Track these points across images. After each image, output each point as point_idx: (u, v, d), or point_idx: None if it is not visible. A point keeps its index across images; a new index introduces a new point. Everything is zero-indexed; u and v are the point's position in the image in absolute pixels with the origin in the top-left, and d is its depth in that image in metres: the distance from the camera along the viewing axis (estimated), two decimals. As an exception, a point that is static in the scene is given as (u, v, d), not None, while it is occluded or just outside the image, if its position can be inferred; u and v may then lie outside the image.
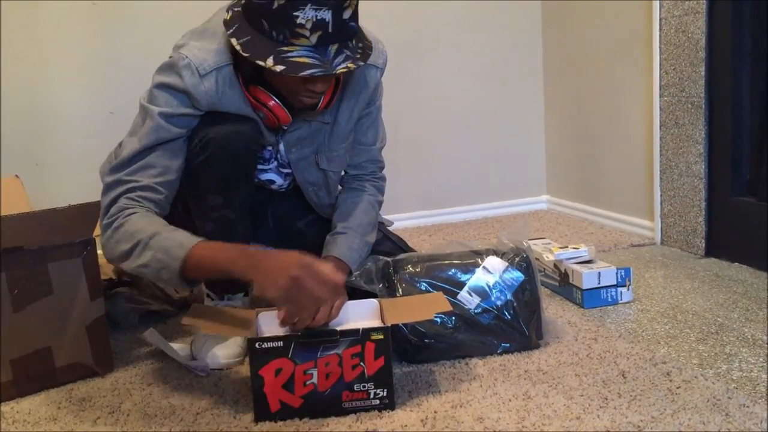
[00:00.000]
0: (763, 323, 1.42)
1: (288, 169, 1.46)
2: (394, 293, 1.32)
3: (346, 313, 1.22)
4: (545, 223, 2.50)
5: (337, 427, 1.08)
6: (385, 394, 1.12)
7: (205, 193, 1.32)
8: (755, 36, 1.79)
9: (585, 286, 1.57)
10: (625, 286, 1.60)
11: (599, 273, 1.57)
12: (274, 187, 1.50)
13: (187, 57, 1.23)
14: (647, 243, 2.13)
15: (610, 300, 1.59)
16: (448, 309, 1.23)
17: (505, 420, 1.08)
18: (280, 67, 1.14)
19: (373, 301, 1.27)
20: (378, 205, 1.53)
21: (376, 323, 1.22)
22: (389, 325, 1.13)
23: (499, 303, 1.32)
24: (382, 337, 1.11)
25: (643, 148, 2.18)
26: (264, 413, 1.11)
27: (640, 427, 1.03)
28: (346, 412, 1.12)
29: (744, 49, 1.81)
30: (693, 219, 1.97)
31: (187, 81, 1.23)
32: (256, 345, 1.09)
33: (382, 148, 1.56)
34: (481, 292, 1.33)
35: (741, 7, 1.79)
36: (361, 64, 1.19)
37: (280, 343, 1.09)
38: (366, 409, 1.12)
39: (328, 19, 1.13)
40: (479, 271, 1.34)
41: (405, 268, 1.35)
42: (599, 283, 1.58)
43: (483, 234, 2.39)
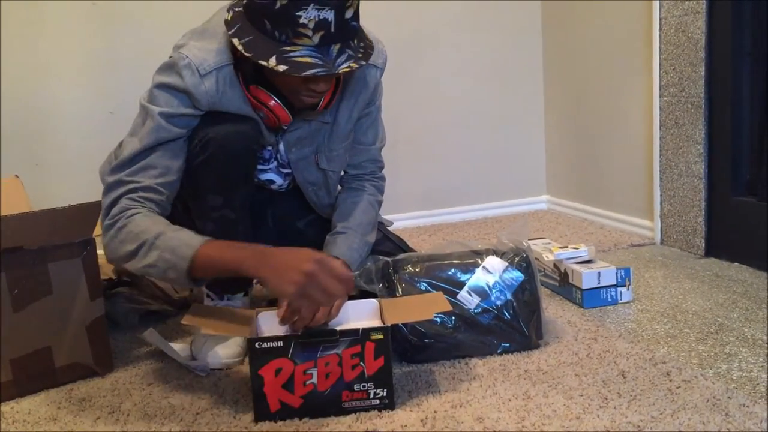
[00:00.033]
0: (763, 323, 1.42)
1: (288, 169, 1.46)
2: (393, 293, 1.32)
3: (346, 313, 1.22)
4: (545, 223, 2.49)
5: (337, 427, 1.08)
6: (384, 394, 1.12)
7: (205, 193, 1.32)
8: (755, 36, 1.79)
9: (585, 286, 1.57)
10: (624, 286, 1.60)
11: (599, 273, 1.57)
12: (274, 187, 1.50)
13: (187, 57, 1.23)
14: (647, 243, 2.13)
15: (609, 300, 1.59)
16: (448, 309, 1.23)
17: (505, 420, 1.08)
18: (282, 67, 1.14)
19: (373, 301, 1.27)
20: (378, 205, 1.53)
21: (375, 323, 1.22)
22: (389, 325, 1.13)
23: (498, 303, 1.32)
24: (381, 337, 1.11)
25: (643, 148, 2.18)
26: (264, 413, 1.11)
27: (639, 426, 1.03)
28: (346, 412, 1.12)
29: (744, 49, 1.81)
30: (693, 219, 1.97)
31: (188, 81, 1.23)
32: (256, 345, 1.09)
33: (382, 148, 1.56)
34: (481, 292, 1.33)
35: (741, 7, 1.79)
36: (363, 64, 1.19)
37: (280, 343, 1.09)
38: (366, 409, 1.12)
39: (330, 19, 1.13)
40: (479, 271, 1.34)
41: (405, 268, 1.35)
42: (599, 283, 1.58)
43: (483, 234, 2.39)
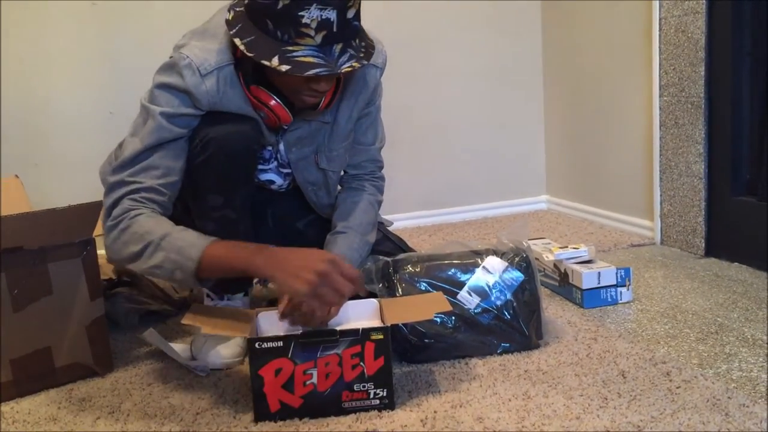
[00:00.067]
0: (763, 323, 1.42)
1: (288, 169, 1.46)
2: (393, 293, 1.32)
3: (346, 313, 1.22)
4: (545, 223, 2.49)
5: (337, 427, 1.08)
6: (384, 394, 1.12)
7: (205, 192, 1.32)
8: (755, 36, 1.79)
9: (585, 286, 1.57)
10: (624, 286, 1.60)
11: (599, 273, 1.57)
12: (274, 187, 1.50)
13: (188, 57, 1.23)
14: (647, 243, 2.13)
15: (609, 300, 1.59)
16: (448, 309, 1.23)
17: (505, 420, 1.08)
18: (285, 67, 1.14)
19: (373, 301, 1.27)
20: (377, 205, 1.53)
21: (375, 323, 1.22)
22: (389, 325, 1.13)
23: (498, 303, 1.32)
24: (381, 337, 1.11)
25: (643, 148, 2.18)
26: (264, 413, 1.11)
27: (639, 427, 1.03)
28: (346, 412, 1.12)
29: (744, 49, 1.81)
30: (693, 219, 1.97)
31: (189, 81, 1.23)
32: (256, 345, 1.09)
33: (381, 148, 1.56)
34: (481, 292, 1.33)
35: (741, 7, 1.79)
36: (365, 63, 1.19)
37: (280, 343, 1.09)
38: (366, 409, 1.12)
39: (333, 19, 1.13)
40: (479, 271, 1.34)
41: (405, 268, 1.35)
42: (599, 283, 1.58)
43: (483, 234, 2.39)
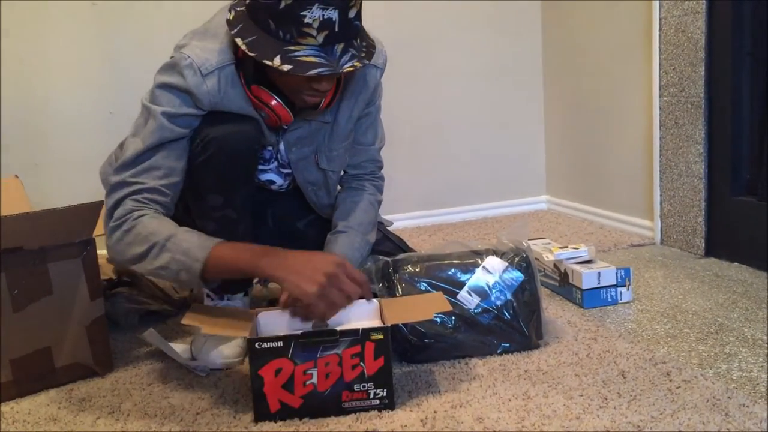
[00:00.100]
0: (763, 323, 1.42)
1: (288, 170, 1.46)
2: (393, 293, 1.32)
3: (346, 313, 1.22)
4: (545, 223, 2.50)
5: (337, 427, 1.08)
6: (384, 394, 1.12)
7: (206, 192, 1.32)
8: (755, 36, 1.79)
9: (585, 286, 1.57)
10: (624, 286, 1.60)
11: (599, 273, 1.57)
12: (274, 187, 1.50)
13: (189, 57, 1.23)
14: (647, 243, 2.13)
15: (609, 300, 1.59)
16: (448, 309, 1.23)
17: (505, 420, 1.08)
18: (287, 67, 1.14)
19: (373, 301, 1.27)
20: (377, 205, 1.53)
21: (375, 323, 1.22)
22: (389, 325, 1.13)
23: (498, 303, 1.32)
24: (381, 337, 1.11)
25: (642, 148, 2.18)
26: (264, 413, 1.11)
27: (639, 427, 1.03)
28: (346, 412, 1.12)
29: (744, 49, 1.81)
30: (693, 219, 1.97)
31: (190, 81, 1.23)
32: (256, 345, 1.09)
33: (381, 148, 1.56)
34: (481, 292, 1.33)
35: (741, 7, 1.79)
36: (367, 63, 1.19)
37: (280, 343, 1.09)
38: (366, 409, 1.12)
39: (334, 19, 1.13)
40: (479, 271, 1.34)
41: (405, 268, 1.35)
42: (599, 283, 1.58)
43: (483, 234, 2.39)
